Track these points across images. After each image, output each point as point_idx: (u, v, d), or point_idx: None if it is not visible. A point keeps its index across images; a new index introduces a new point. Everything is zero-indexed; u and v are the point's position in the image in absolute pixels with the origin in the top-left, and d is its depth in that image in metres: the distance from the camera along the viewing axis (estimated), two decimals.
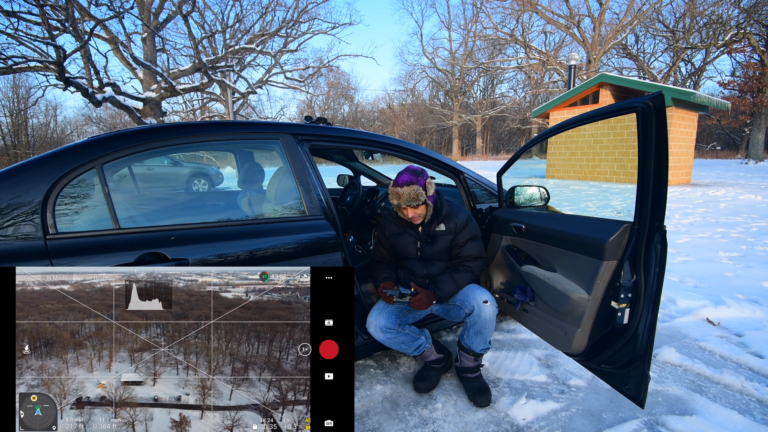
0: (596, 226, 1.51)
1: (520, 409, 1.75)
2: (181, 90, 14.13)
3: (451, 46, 39.27)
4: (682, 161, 12.17)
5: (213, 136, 1.70)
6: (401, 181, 1.72)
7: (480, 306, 1.73)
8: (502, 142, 47.33)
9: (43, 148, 27.40)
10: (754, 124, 21.52)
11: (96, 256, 1.33)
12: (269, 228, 1.68)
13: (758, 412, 1.72)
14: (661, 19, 28.15)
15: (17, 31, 9.54)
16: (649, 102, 1.25)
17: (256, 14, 22.47)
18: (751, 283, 3.26)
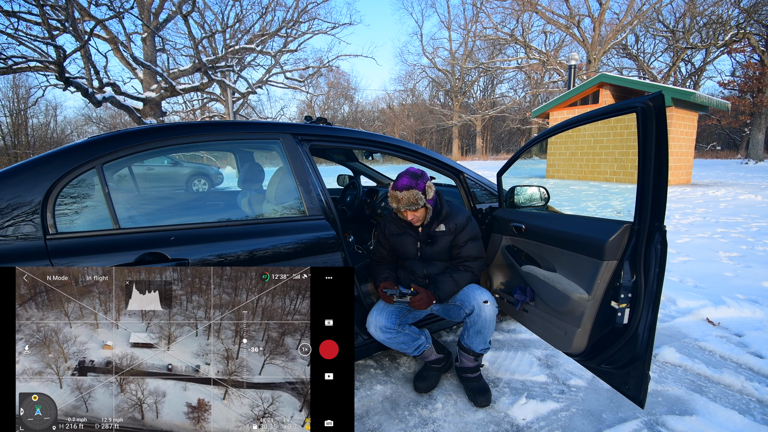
0: (596, 226, 1.51)
1: (520, 409, 1.75)
2: (181, 90, 14.13)
3: (451, 46, 39.32)
4: (682, 161, 12.17)
5: (213, 136, 1.70)
6: (400, 185, 1.72)
7: (480, 306, 1.73)
8: (502, 142, 47.32)
9: (43, 148, 27.39)
10: (754, 124, 21.51)
11: (96, 256, 1.33)
12: (269, 228, 1.68)
13: (758, 412, 1.72)
14: (661, 19, 28.15)
15: (17, 31, 9.54)
16: (649, 102, 1.25)
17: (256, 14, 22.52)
18: (751, 283, 3.26)
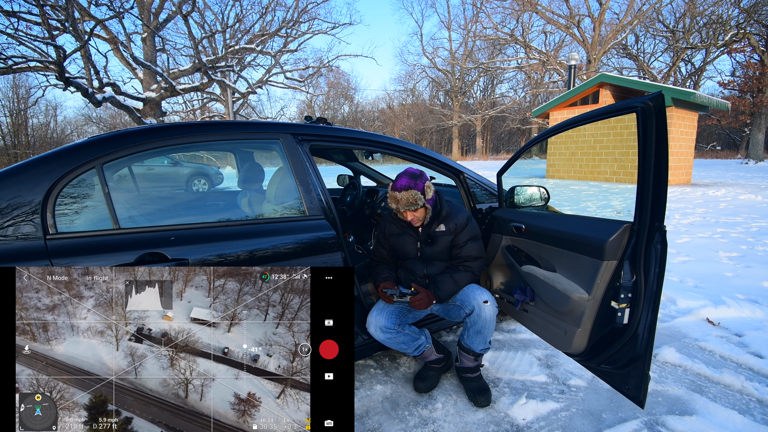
0: (596, 226, 1.51)
1: (520, 409, 1.75)
2: (181, 90, 14.13)
3: (451, 46, 39.31)
4: (682, 161, 12.17)
5: (213, 136, 1.70)
6: (399, 186, 1.71)
7: (480, 306, 1.73)
8: (502, 142, 47.31)
9: (43, 148, 27.38)
10: (754, 124, 21.51)
11: (96, 256, 1.33)
12: (269, 228, 1.68)
13: (758, 412, 1.72)
14: (661, 19, 28.15)
15: (17, 31, 9.53)
16: (649, 102, 1.25)
17: (256, 14, 22.48)
18: (751, 283, 3.26)
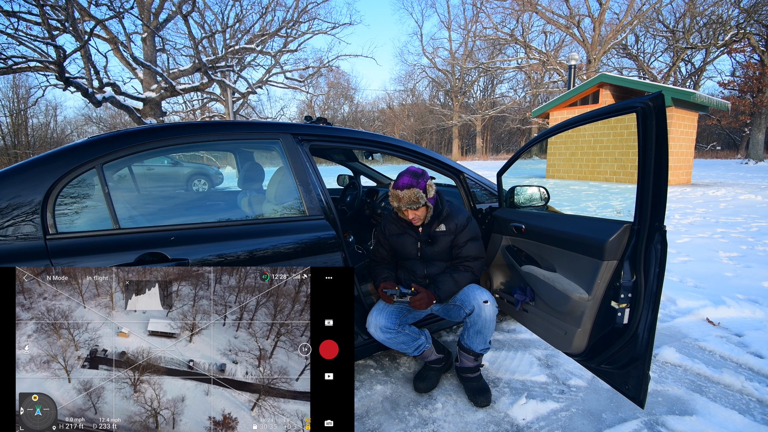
0: (596, 226, 1.51)
1: (520, 409, 1.75)
2: (181, 90, 14.13)
3: (451, 46, 39.30)
4: (682, 161, 12.17)
5: (213, 136, 1.70)
6: (401, 184, 1.72)
7: (480, 306, 1.73)
8: (502, 142, 47.31)
9: (43, 148, 27.40)
10: (754, 124, 21.51)
11: (96, 256, 1.33)
12: (269, 228, 1.68)
13: (758, 412, 1.72)
14: (661, 19, 28.14)
15: (17, 31, 9.54)
16: (649, 102, 1.25)
17: (256, 14, 22.50)
18: (751, 283, 3.26)
